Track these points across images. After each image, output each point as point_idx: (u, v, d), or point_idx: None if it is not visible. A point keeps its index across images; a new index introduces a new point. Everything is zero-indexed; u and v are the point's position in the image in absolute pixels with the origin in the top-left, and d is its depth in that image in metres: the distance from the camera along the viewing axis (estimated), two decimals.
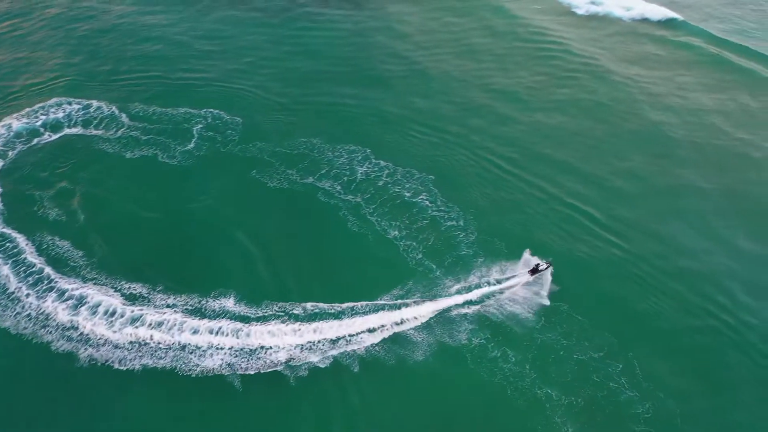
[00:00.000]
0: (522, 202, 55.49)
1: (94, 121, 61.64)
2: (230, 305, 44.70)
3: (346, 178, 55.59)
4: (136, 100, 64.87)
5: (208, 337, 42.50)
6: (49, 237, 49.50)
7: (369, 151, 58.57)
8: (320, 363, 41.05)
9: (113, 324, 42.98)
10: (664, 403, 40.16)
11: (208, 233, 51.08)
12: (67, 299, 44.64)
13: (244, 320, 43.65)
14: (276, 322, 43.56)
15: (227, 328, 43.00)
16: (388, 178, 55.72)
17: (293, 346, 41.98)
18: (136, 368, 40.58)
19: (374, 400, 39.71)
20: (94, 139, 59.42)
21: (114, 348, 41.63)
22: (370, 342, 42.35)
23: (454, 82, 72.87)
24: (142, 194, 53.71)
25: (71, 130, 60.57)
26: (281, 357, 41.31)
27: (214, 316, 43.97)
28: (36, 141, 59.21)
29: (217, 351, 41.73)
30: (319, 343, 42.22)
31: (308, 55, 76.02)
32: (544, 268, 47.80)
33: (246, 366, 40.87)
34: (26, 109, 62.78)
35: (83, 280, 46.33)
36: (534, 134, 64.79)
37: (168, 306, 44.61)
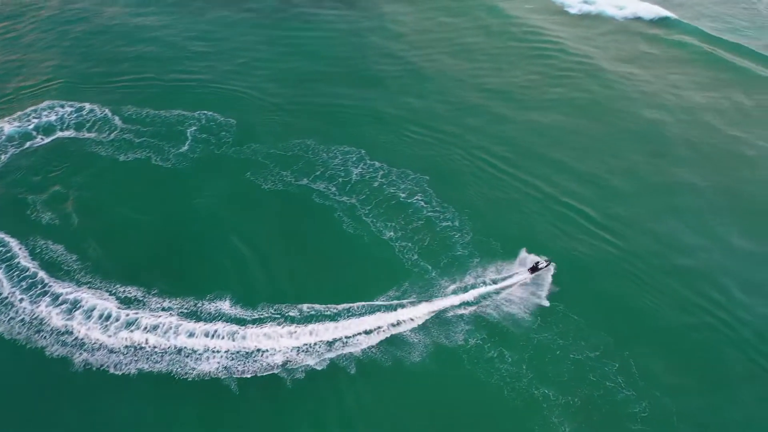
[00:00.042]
0: (517, 202, 55.49)
1: (87, 124, 61.28)
2: (226, 308, 44.53)
3: (341, 180, 55.44)
4: (129, 102, 64.48)
5: (204, 340, 42.33)
6: (43, 241, 49.18)
7: (364, 151, 58.44)
8: (317, 365, 40.98)
9: (108, 328, 42.75)
10: (661, 402, 40.29)
11: (203, 236, 50.86)
12: (62, 303, 44.39)
13: (240, 323, 43.51)
14: (272, 324, 43.44)
15: (223, 330, 42.83)
16: (383, 179, 55.61)
17: (290, 349, 41.83)
18: (132, 373, 40.38)
19: (371, 401, 39.67)
20: (87, 142, 59.08)
21: (109, 352, 41.43)
22: (367, 344, 42.26)
23: (448, 82, 72.79)
24: (135, 197, 53.40)
25: (64, 134, 60.20)
26: (278, 360, 41.17)
27: (209, 319, 43.80)
28: (28, 144, 58.81)
29: (213, 354, 41.57)
30: (315, 346, 42.11)
31: (302, 56, 75.78)
32: (544, 266, 47.83)
33: (243, 369, 40.74)
34: (18, 112, 62.34)
35: (77, 284, 46.08)
36: (529, 133, 64.79)
37: (163, 309, 44.41)
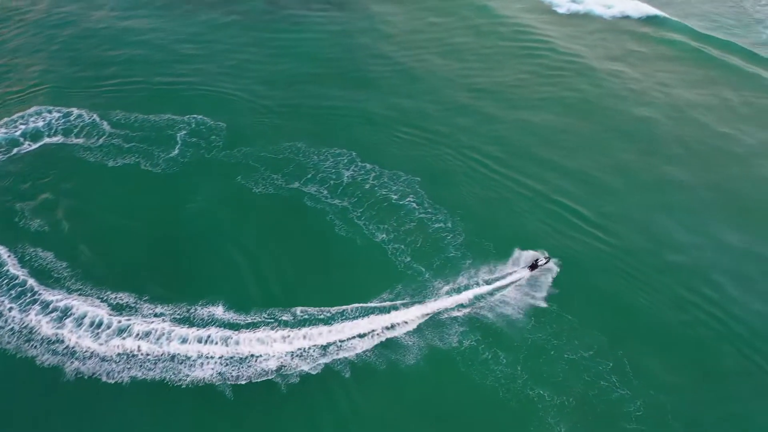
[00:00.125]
0: (509, 201, 55.51)
1: (75, 130, 60.62)
2: (219, 313, 44.25)
3: (332, 182, 55.22)
4: (117, 107, 63.85)
5: (197, 346, 42.03)
6: (32, 248, 48.64)
7: (355, 153, 58.21)
8: (312, 370, 40.78)
9: (99, 336, 42.34)
10: (655, 400, 40.39)
11: (195, 240, 50.50)
12: (52, 311, 43.92)
13: (233, 328, 43.25)
14: (266, 328, 43.18)
15: (216, 336, 42.56)
16: (374, 181, 55.45)
17: (284, 354, 41.64)
18: (125, 381, 40.00)
19: (367, 405, 39.54)
20: (76, 148, 58.46)
21: (101, 360, 41.01)
22: (362, 348, 42.12)
23: (439, 82, 72.70)
24: (125, 203, 52.93)
25: (52, 139, 59.53)
26: (272, 365, 40.95)
27: (203, 325, 43.51)
28: (15, 151, 58.14)
29: (207, 360, 41.29)
30: (309, 350, 41.93)
31: (292, 58, 75.45)
32: (544, 263, 47.91)
33: (237, 375, 40.49)
34: (5, 118, 61.57)
35: (68, 291, 45.61)
36: (520, 132, 64.81)
37: (156, 315, 44.05)
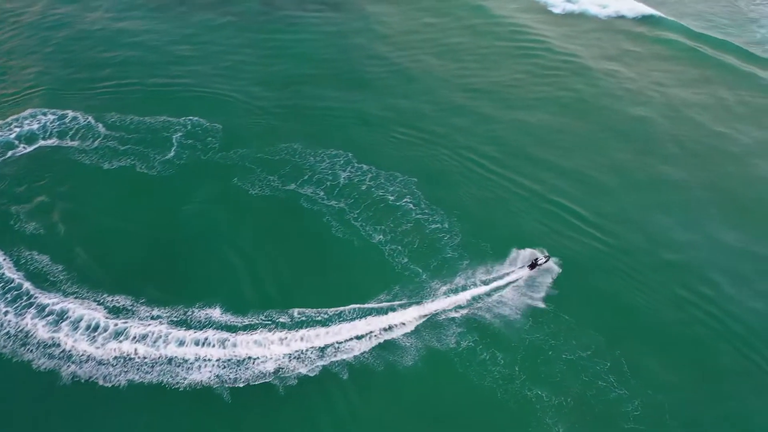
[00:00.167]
0: (505, 201, 55.53)
1: (70, 132, 60.31)
2: (216, 315, 44.13)
3: (328, 183, 55.14)
4: (112, 109, 63.60)
5: (194, 348, 41.92)
6: (27, 252, 48.43)
7: (351, 154, 58.12)
8: (309, 372, 40.68)
9: (96, 339, 42.17)
10: (653, 399, 40.47)
11: (191, 243, 50.37)
12: (48, 315, 43.76)
13: (230, 330, 43.16)
14: (263, 330, 43.10)
15: (214, 338, 42.44)
16: (371, 182, 55.37)
17: (281, 356, 41.54)
18: (122, 384, 39.86)
19: (365, 407, 39.48)
20: (71, 151, 58.19)
21: (98, 364, 40.85)
22: (360, 350, 42.04)
23: (434, 83, 72.65)
24: (121, 206, 52.76)
25: (46, 142, 59.26)
26: (270, 367, 40.84)
27: (200, 327, 43.40)
28: (10, 154, 57.85)
29: (204, 363, 41.17)
30: (307, 352, 41.84)
31: (287, 59, 75.30)
32: (543, 262, 47.95)
33: (235, 377, 40.37)
34: None
35: (64, 294, 45.44)
36: (516, 132, 64.83)
37: (153, 318, 43.92)
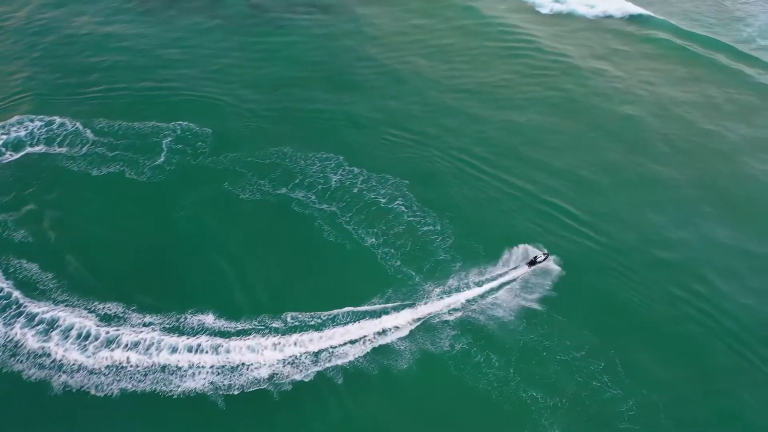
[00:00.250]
0: (498, 202, 55.53)
1: (58, 139, 59.61)
2: (209, 321, 43.80)
3: (320, 187, 54.88)
4: (101, 114, 62.92)
5: (187, 355, 41.55)
6: (16, 260, 47.89)
7: (342, 157, 57.90)
8: (304, 378, 40.45)
9: (87, 348, 41.69)
10: (647, 399, 40.53)
11: (183, 248, 50.06)
12: (38, 324, 43.22)
13: (223, 336, 42.84)
14: (257, 336, 42.82)
15: (207, 345, 42.11)
16: (362, 185, 55.18)
17: (276, 362, 41.28)
18: (115, 393, 39.39)
19: (360, 412, 39.31)
20: (58, 158, 57.53)
21: (89, 373, 40.34)
22: (354, 354, 41.81)
23: (425, 84, 72.58)
24: (110, 212, 52.29)
25: (34, 149, 58.55)
26: (264, 373, 40.55)
27: (192, 333, 43.06)
28: None
29: (198, 370, 40.79)
30: (301, 357, 41.62)
31: (277, 62, 75.00)
32: (542, 260, 47.98)
33: (229, 384, 40.03)
34: None
35: (54, 303, 44.92)
36: (507, 132, 64.91)
37: (145, 325, 43.51)
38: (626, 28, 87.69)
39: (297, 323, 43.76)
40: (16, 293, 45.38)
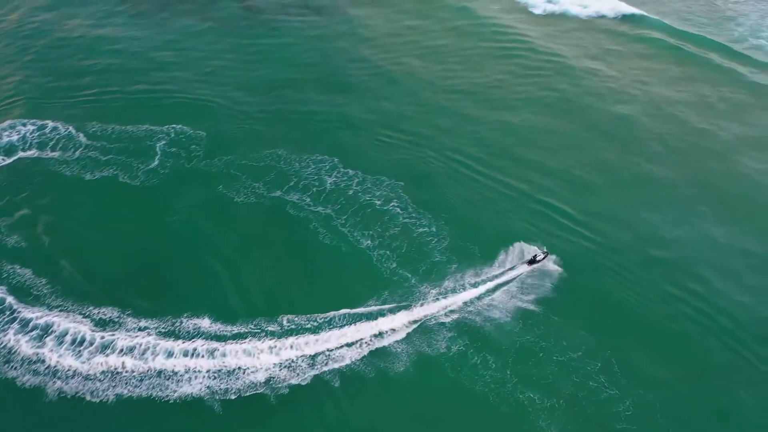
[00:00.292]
0: (493, 202, 55.58)
1: (51, 143, 59.26)
2: (205, 325, 43.58)
3: (315, 189, 54.74)
4: (94, 118, 62.66)
5: (183, 360, 41.32)
6: (9, 265, 47.57)
7: (337, 159, 57.80)
8: (301, 381, 40.26)
9: (81, 354, 41.37)
10: (644, 398, 40.56)
11: (178, 252, 49.84)
12: (32, 330, 42.91)
13: (219, 339, 42.63)
14: (253, 339, 42.60)
15: (203, 349, 41.87)
16: (357, 187, 55.06)
17: (272, 365, 41.09)
18: (110, 399, 39.12)
19: (357, 415, 39.19)
20: (51, 162, 57.20)
21: (84, 379, 40.06)
22: (351, 357, 41.66)
23: (419, 85, 72.61)
24: (104, 217, 52.01)
25: (26, 153, 58.21)
26: (260, 377, 40.35)
27: (188, 337, 42.82)
28: None
29: (194, 375, 40.57)
30: (298, 360, 41.43)
31: (270, 64, 74.89)
32: (542, 258, 47.96)
33: (225, 388, 39.81)
34: None
35: (48, 308, 44.62)
36: (501, 133, 65.03)
37: (140, 329, 43.23)
38: (619, 27, 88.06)
39: (293, 326, 43.59)
40: (10, 299, 45.07)
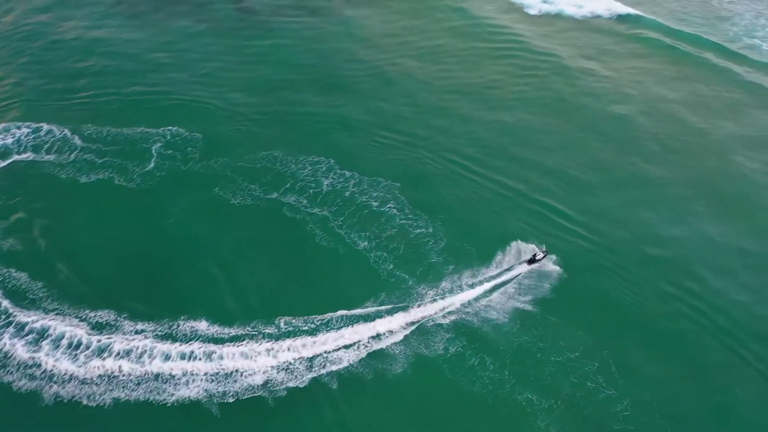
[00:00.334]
0: (490, 203, 55.61)
1: (45, 146, 59.01)
2: (202, 327, 43.44)
3: (311, 191, 54.62)
4: (89, 120, 62.36)
5: (181, 363, 41.14)
6: (5, 269, 47.34)
7: (333, 161, 57.69)
8: (299, 383, 40.14)
9: (78, 357, 41.17)
10: (642, 398, 40.59)
11: (174, 255, 49.67)
12: (27, 334, 42.68)
13: (216, 342, 42.47)
14: (250, 342, 42.47)
15: (200, 351, 41.71)
16: (354, 188, 54.96)
17: (270, 368, 40.96)
18: (107, 403, 38.90)
19: (355, 417, 39.12)
20: (46, 165, 56.91)
21: (81, 383, 39.84)
22: (349, 360, 41.54)
23: (415, 85, 72.60)
24: (100, 220, 51.80)
25: (21, 156, 57.90)
26: (258, 380, 40.22)
27: (185, 340, 42.66)
28: None
29: (192, 378, 40.39)
30: (295, 363, 41.31)
31: (266, 65, 74.78)
32: (542, 257, 47.94)
33: (223, 391, 39.66)
34: None
35: (44, 312, 44.39)
36: (498, 133, 65.10)
37: (137, 332, 43.03)
38: (615, 27, 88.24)
39: (290, 328, 43.48)
40: (5, 303, 44.82)
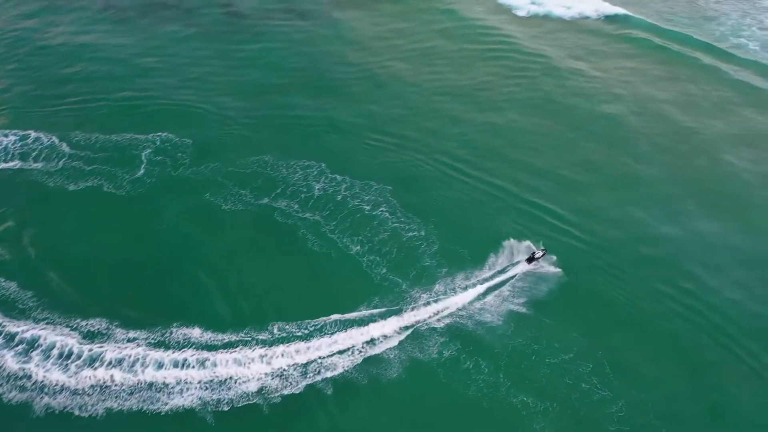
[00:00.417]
0: (482, 204, 55.58)
1: (33, 153, 58.35)
2: (195, 334, 42.98)
3: (303, 196, 54.33)
4: (77, 127, 61.79)
5: (174, 371, 40.71)
6: None
7: (324, 164, 57.43)
8: (294, 390, 39.84)
9: (68, 368, 40.63)
10: (636, 399, 40.54)
11: (166, 262, 49.25)
12: (17, 344, 42.08)
13: (210, 349, 42.07)
14: (244, 348, 42.11)
15: (193, 359, 41.33)
16: (346, 192, 54.74)
17: (264, 374, 40.66)
18: (100, 414, 38.38)
19: (350, 422, 38.87)
20: (34, 173, 56.25)
21: (72, 394, 39.29)
22: (343, 365, 41.30)
23: (405, 87, 72.61)
24: (90, 227, 51.29)
25: (8, 165, 57.21)
26: (252, 387, 39.87)
27: (178, 347, 42.22)
28: None
29: (185, 386, 39.96)
30: (289, 369, 41.03)
31: (255, 69, 74.62)
32: (541, 256, 47.92)
33: (218, 399, 39.24)
34: None
35: (34, 321, 43.80)
36: (489, 134, 65.18)
37: (129, 340, 42.54)
38: (603, 28, 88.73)
39: (284, 334, 43.18)
40: None
